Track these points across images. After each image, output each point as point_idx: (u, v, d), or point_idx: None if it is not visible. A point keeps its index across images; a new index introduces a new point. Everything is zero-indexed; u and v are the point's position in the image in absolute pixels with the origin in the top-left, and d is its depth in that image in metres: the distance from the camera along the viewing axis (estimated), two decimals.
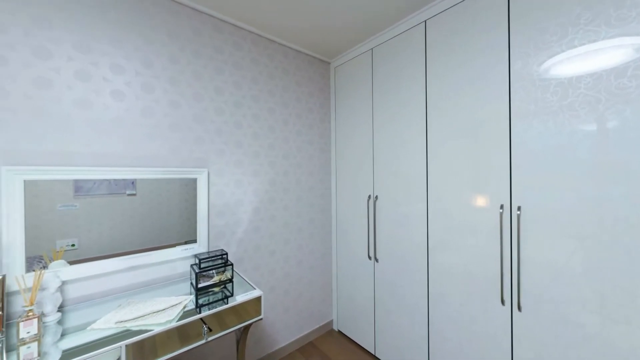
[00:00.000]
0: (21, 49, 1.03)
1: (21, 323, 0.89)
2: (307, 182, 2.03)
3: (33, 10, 1.05)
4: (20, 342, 0.89)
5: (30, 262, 1.02)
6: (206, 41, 1.51)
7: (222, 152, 1.58)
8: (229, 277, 1.35)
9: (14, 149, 1.02)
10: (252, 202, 1.71)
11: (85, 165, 1.16)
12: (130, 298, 1.18)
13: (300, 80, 1.98)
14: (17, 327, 0.91)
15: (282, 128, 1.88)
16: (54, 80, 1.09)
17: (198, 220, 1.45)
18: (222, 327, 1.13)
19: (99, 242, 1.16)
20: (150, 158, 1.33)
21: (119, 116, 1.24)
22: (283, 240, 1.89)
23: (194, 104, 1.47)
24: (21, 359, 0.81)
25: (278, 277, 1.86)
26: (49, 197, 1.06)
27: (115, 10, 1.23)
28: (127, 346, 0.90)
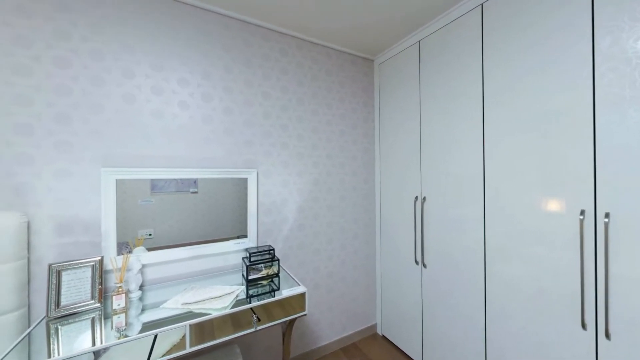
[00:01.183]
0: (114, 72, 1.25)
1: (114, 296, 1.08)
2: (351, 182, 2.02)
3: (121, 39, 1.27)
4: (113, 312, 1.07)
5: (120, 247, 1.23)
6: (255, 50, 1.62)
7: (269, 153, 1.67)
8: (275, 271, 1.42)
9: (108, 154, 1.24)
10: (296, 202, 1.77)
11: (159, 166, 1.35)
12: (192, 284, 1.33)
13: (343, 81, 1.98)
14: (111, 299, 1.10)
15: (325, 129, 1.90)
16: (136, 96, 1.30)
17: (248, 217, 1.56)
18: (270, 318, 1.19)
19: (169, 233, 1.35)
20: (208, 160, 1.48)
21: (184, 124, 1.42)
22: (327, 239, 1.90)
23: (244, 109, 1.59)
24: (114, 325, 0.99)
25: (322, 275, 1.88)
26: (132, 194, 1.26)
27: (184, 32, 1.41)
28: (191, 326, 1.01)
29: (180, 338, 1.00)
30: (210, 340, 1.05)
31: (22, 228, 1.04)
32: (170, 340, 0.98)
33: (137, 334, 0.94)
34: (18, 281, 1.03)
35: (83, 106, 1.19)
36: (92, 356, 0.88)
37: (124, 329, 0.97)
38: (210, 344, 1.04)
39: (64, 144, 1.16)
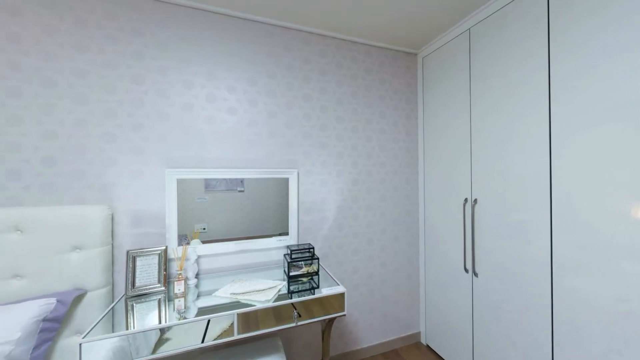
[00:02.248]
0: (176, 84, 1.43)
1: (175, 282, 1.22)
2: (392, 182, 1.95)
3: (182, 55, 1.44)
4: (175, 295, 1.21)
5: (180, 239, 1.39)
6: (296, 54, 1.68)
7: (309, 154, 1.71)
8: (315, 269, 1.44)
9: (171, 156, 1.42)
10: (336, 201, 1.78)
11: (211, 167, 1.49)
12: (239, 276, 1.43)
13: (384, 78, 1.92)
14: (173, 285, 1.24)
15: (365, 127, 1.87)
16: (193, 104, 1.46)
17: (289, 215, 1.62)
18: (309, 315, 1.21)
19: (220, 228, 1.47)
20: (253, 161, 1.58)
21: (232, 128, 1.54)
22: (366, 239, 1.87)
23: (286, 112, 1.66)
24: (175, 307, 1.12)
25: (362, 276, 1.85)
26: (190, 192, 1.42)
27: (232, 43, 1.53)
28: (238, 315, 1.09)
29: (229, 325, 1.08)
30: (255, 330, 1.11)
31: (108, 219, 1.26)
32: (220, 326, 1.07)
33: (194, 317, 1.05)
34: (105, 263, 1.24)
35: (152, 116, 1.38)
36: (158, 332, 1.01)
37: (183, 311, 1.09)
38: (255, 333, 1.11)
39: (138, 149, 1.36)
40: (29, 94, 1.20)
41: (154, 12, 1.38)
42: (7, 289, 1.08)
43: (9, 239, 1.09)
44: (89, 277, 1.19)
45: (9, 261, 1.09)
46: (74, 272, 1.16)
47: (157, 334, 1.01)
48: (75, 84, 1.26)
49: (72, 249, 1.17)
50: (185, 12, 1.44)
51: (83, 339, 0.90)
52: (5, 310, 0.98)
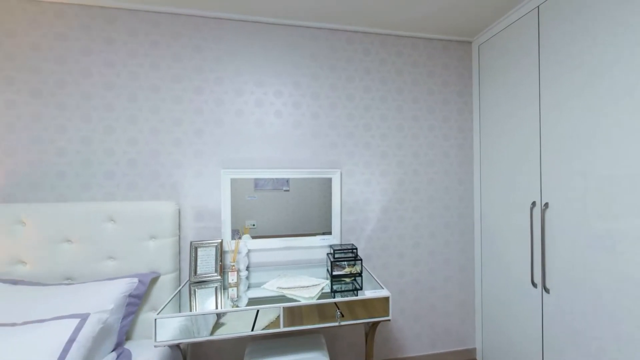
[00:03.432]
0: (230, 92, 1.56)
1: (229, 272, 1.34)
2: (442, 182, 1.81)
3: (234, 66, 1.57)
4: (229, 285, 1.33)
5: (233, 233, 1.52)
6: (340, 55, 1.68)
7: (352, 154, 1.70)
8: (358, 270, 1.43)
9: (226, 158, 1.56)
10: (380, 202, 1.73)
11: (260, 167, 1.59)
12: (284, 271, 1.50)
13: (432, 71, 1.80)
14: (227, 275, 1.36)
15: (412, 125, 1.77)
16: (244, 110, 1.58)
17: (332, 215, 1.63)
18: (352, 316, 1.20)
19: (267, 225, 1.57)
20: (298, 161, 1.64)
21: (278, 130, 1.62)
22: (412, 243, 1.77)
23: (329, 112, 1.67)
24: (229, 296, 1.22)
25: (407, 282, 1.76)
26: (241, 191, 1.54)
27: (278, 49, 1.62)
28: (284, 308, 1.14)
29: (276, 317, 1.14)
30: (299, 324, 1.15)
31: (176, 214, 1.44)
32: (268, 317, 1.14)
33: (245, 307, 1.13)
34: (173, 252, 1.42)
35: (210, 122, 1.54)
36: (215, 316, 1.12)
37: (236, 300, 1.19)
38: (299, 328, 1.14)
39: (199, 152, 1.53)
40: (119, 108, 1.45)
41: (210, 29, 1.54)
42: (104, 268, 1.33)
43: (105, 227, 1.34)
44: (161, 263, 1.38)
45: (105, 245, 1.33)
46: (151, 258, 1.37)
47: (214, 317, 1.12)
48: (151, 97, 1.48)
49: (150, 238, 1.38)
50: (236, 25, 1.57)
51: (157, 315, 1.05)
52: (103, 285, 1.20)
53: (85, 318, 0.99)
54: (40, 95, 1.38)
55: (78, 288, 1.18)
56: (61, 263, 1.29)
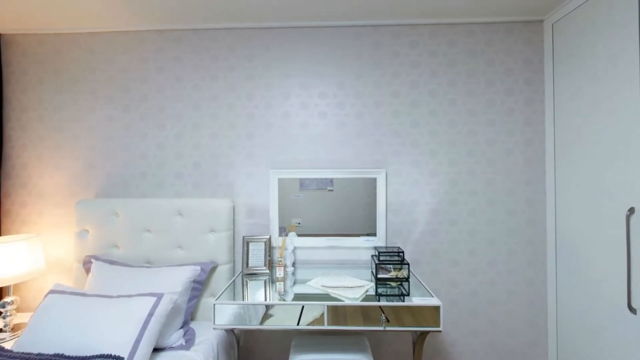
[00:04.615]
0: (277, 97, 1.65)
1: (277, 267, 1.41)
2: (504, 184, 1.60)
3: (282, 71, 1.65)
4: (276, 279, 1.40)
5: (280, 231, 1.61)
6: (384, 50, 1.63)
7: (398, 153, 1.63)
8: (405, 275, 1.36)
9: (273, 159, 1.65)
10: (429, 203, 1.62)
11: (305, 168, 1.64)
12: (329, 270, 1.51)
13: (492, 58, 1.61)
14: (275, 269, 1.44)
15: (467, 120, 1.61)
16: (290, 112, 1.65)
17: (377, 216, 1.59)
18: (398, 322, 1.15)
19: (312, 224, 1.61)
20: (342, 161, 1.64)
21: (322, 131, 1.65)
22: (468, 250, 1.61)
23: (373, 111, 1.64)
24: (276, 289, 1.29)
25: (462, 292, 1.61)
26: (287, 190, 1.61)
27: (321, 51, 1.65)
28: (328, 307, 1.16)
29: (320, 315, 1.16)
30: (343, 324, 1.15)
31: (231, 210, 1.58)
32: (312, 314, 1.17)
33: (291, 301, 1.18)
34: (228, 245, 1.56)
35: (260, 126, 1.65)
36: (264, 308, 1.19)
37: (283, 294, 1.25)
38: (343, 328, 1.14)
39: (250, 154, 1.65)
40: (186, 116, 1.66)
41: (260, 39, 1.65)
42: (174, 255, 1.54)
43: (175, 220, 1.55)
44: (219, 254, 1.53)
45: (175, 236, 1.54)
46: (210, 249, 1.53)
47: (263, 308, 1.19)
48: (211, 106, 1.66)
49: (209, 231, 1.54)
50: (283, 32, 1.65)
51: (216, 301, 1.17)
52: (173, 270, 1.39)
53: (161, 297, 1.16)
54: (129, 110, 1.67)
55: (155, 271, 1.39)
56: (143, 249, 1.54)
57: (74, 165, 1.68)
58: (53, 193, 1.68)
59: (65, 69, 1.68)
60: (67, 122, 1.68)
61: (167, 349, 1.23)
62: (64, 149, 1.68)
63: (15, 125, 1.69)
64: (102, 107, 1.67)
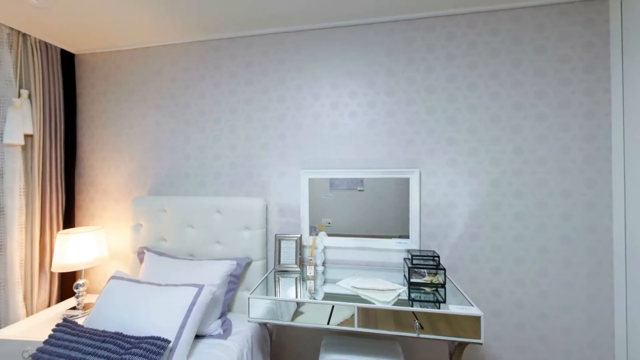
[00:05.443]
0: (308, 98, 1.68)
1: (307, 266, 1.44)
2: (558, 184, 1.43)
3: (312, 72, 1.67)
4: (307, 277, 1.42)
5: (310, 230, 1.63)
6: (418, 45, 1.56)
7: (432, 151, 1.55)
8: (440, 281, 1.29)
9: (304, 159, 1.68)
10: (468, 206, 1.51)
11: (335, 168, 1.64)
12: (359, 271, 1.50)
13: (542, 45, 1.45)
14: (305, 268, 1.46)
15: (512, 115, 1.47)
16: (320, 113, 1.67)
17: (410, 217, 1.53)
18: (433, 330, 1.09)
19: (342, 224, 1.60)
20: (372, 161, 1.61)
21: (353, 130, 1.63)
22: (513, 257, 1.47)
23: (406, 109, 1.58)
24: (307, 288, 1.31)
25: (506, 303, 1.48)
26: (318, 190, 1.63)
27: (351, 50, 1.63)
28: (358, 308, 1.14)
29: (350, 316, 1.15)
30: (374, 327, 1.13)
31: (264, 209, 1.65)
32: (342, 314, 1.16)
33: (321, 300, 1.19)
34: (262, 242, 1.63)
35: (291, 127, 1.70)
36: (295, 305, 1.22)
37: (313, 292, 1.27)
38: (374, 331, 1.12)
39: (282, 154, 1.70)
40: (223, 120, 1.77)
41: (292, 42, 1.69)
42: (213, 250, 1.65)
43: (213, 217, 1.66)
44: (253, 251, 1.61)
45: (214, 232, 1.65)
46: (245, 245, 1.61)
47: (294, 305, 1.22)
48: (246, 109, 1.74)
49: (244, 229, 1.63)
50: (314, 34, 1.67)
51: (250, 295, 1.23)
52: (213, 263, 1.49)
53: (202, 288, 1.26)
54: (175, 115, 1.83)
55: (197, 264, 1.51)
56: (186, 243, 1.67)
57: (130, 166, 1.90)
58: (114, 191, 1.91)
59: (124, 82, 1.90)
60: (125, 129, 1.90)
61: (207, 336, 1.32)
62: (122, 152, 1.90)
63: (85, 133, 1.96)
64: (152, 114, 1.86)
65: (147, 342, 1.04)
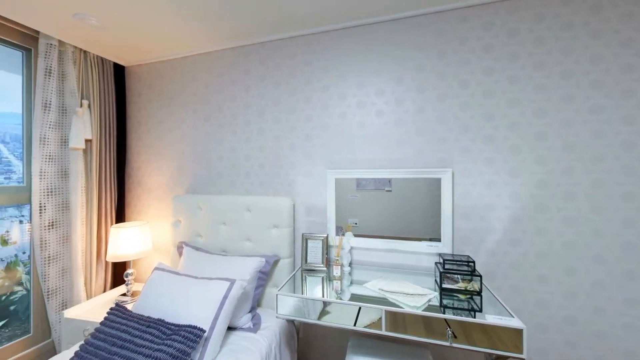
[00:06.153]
0: (334, 98, 1.68)
1: (334, 266, 1.44)
2: (619, 185, 1.26)
3: (339, 72, 1.67)
4: (333, 277, 1.43)
5: (337, 230, 1.63)
6: (450, 37, 1.48)
7: (467, 150, 1.45)
8: (476, 288, 1.21)
9: (331, 159, 1.68)
10: (508, 208, 1.39)
11: (362, 168, 1.62)
12: (386, 273, 1.46)
13: (599, 28, 1.28)
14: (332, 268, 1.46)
15: (561, 108, 1.33)
16: (347, 113, 1.66)
17: (442, 219, 1.45)
18: (468, 340, 1.03)
19: (369, 224, 1.58)
20: (400, 161, 1.56)
21: (380, 129, 1.60)
22: (563, 266, 1.32)
23: (437, 105, 1.50)
24: (333, 288, 1.32)
25: (553, 317, 1.34)
26: (344, 190, 1.62)
27: (378, 47, 1.60)
28: (386, 312, 1.12)
29: (378, 319, 1.13)
30: (402, 332, 1.09)
31: (291, 208, 1.69)
32: (369, 317, 1.14)
33: (348, 301, 1.18)
34: (289, 240, 1.67)
35: (318, 127, 1.71)
36: (322, 304, 1.23)
37: (340, 292, 1.27)
38: (403, 336, 1.09)
39: (309, 155, 1.73)
40: (252, 122, 1.85)
41: (318, 43, 1.71)
42: (244, 247, 1.73)
43: (244, 215, 1.74)
44: (281, 249, 1.65)
45: (244, 229, 1.72)
46: (274, 243, 1.66)
47: (321, 304, 1.23)
48: (274, 110, 1.80)
49: (272, 227, 1.68)
50: (340, 34, 1.66)
51: (278, 291, 1.27)
52: (243, 260, 1.56)
53: (233, 282, 1.32)
54: (209, 119, 1.95)
55: (229, 259, 1.59)
56: (219, 239, 1.77)
57: (170, 167, 2.06)
58: (157, 189, 2.09)
59: (166, 89, 2.07)
60: (166, 132, 2.07)
61: (238, 329, 1.39)
62: (164, 154, 2.08)
63: (133, 137, 2.17)
64: (190, 119, 2.01)
65: (186, 330, 1.12)
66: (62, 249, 1.75)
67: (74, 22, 1.55)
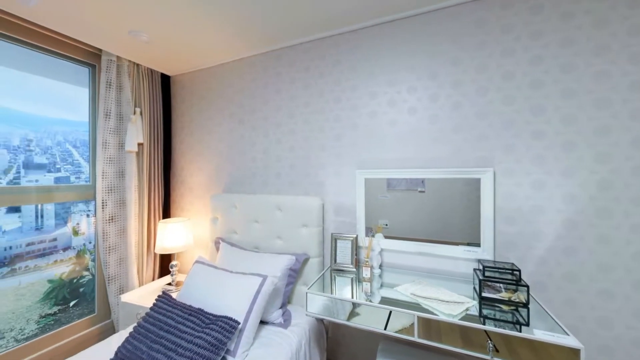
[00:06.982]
0: (364, 97, 1.66)
1: (363, 267, 1.42)
2: None
3: (368, 71, 1.64)
4: (362, 279, 1.41)
5: (366, 231, 1.60)
6: (491, 26, 1.37)
7: (510, 147, 1.33)
8: (522, 299, 1.10)
9: (360, 159, 1.66)
10: (561, 212, 1.25)
11: (392, 167, 1.58)
12: (419, 278, 1.40)
13: None
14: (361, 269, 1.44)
15: (628, 97, 1.15)
16: (377, 111, 1.63)
17: (482, 223, 1.35)
18: (512, 355, 0.95)
19: (400, 226, 1.53)
20: (435, 160, 1.48)
21: (412, 127, 1.54)
22: (631, 280, 1.15)
23: (476, 100, 1.40)
24: (362, 289, 1.30)
25: (618, 338, 1.16)
26: (374, 190, 1.59)
27: (411, 41, 1.54)
28: (419, 318, 1.07)
29: (410, 324, 1.09)
30: (436, 341, 1.04)
31: (321, 208, 1.70)
32: (401, 322, 1.11)
33: (378, 304, 1.16)
34: (318, 240, 1.69)
35: (347, 127, 1.70)
36: (351, 305, 1.22)
37: (369, 294, 1.25)
38: (438, 345, 1.04)
39: (338, 155, 1.73)
40: (283, 124, 1.90)
41: (347, 42, 1.70)
42: (275, 244, 1.79)
43: (275, 214, 1.80)
44: (310, 248, 1.68)
45: (275, 228, 1.78)
46: (303, 242, 1.69)
47: (350, 305, 1.22)
48: (304, 112, 1.83)
49: (302, 226, 1.71)
50: (369, 31, 1.64)
51: (308, 290, 1.29)
52: (274, 257, 1.62)
53: (265, 278, 1.38)
54: (243, 122, 2.06)
55: (261, 256, 1.66)
56: (253, 236, 1.86)
57: (209, 167, 2.21)
58: (197, 188, 2.26)
59: (206, 95, 2.23)
60: (205, 135, 2.23)
61: (270, 323, 1.44)
62: (203, 155, 2.24)
63: (177, 140, 2.38)
64: (226, 122, 2.13)
65: (222, 320, 1.19)
66: (119, 240, 1.97)
67: (129, 39, 1.75)
